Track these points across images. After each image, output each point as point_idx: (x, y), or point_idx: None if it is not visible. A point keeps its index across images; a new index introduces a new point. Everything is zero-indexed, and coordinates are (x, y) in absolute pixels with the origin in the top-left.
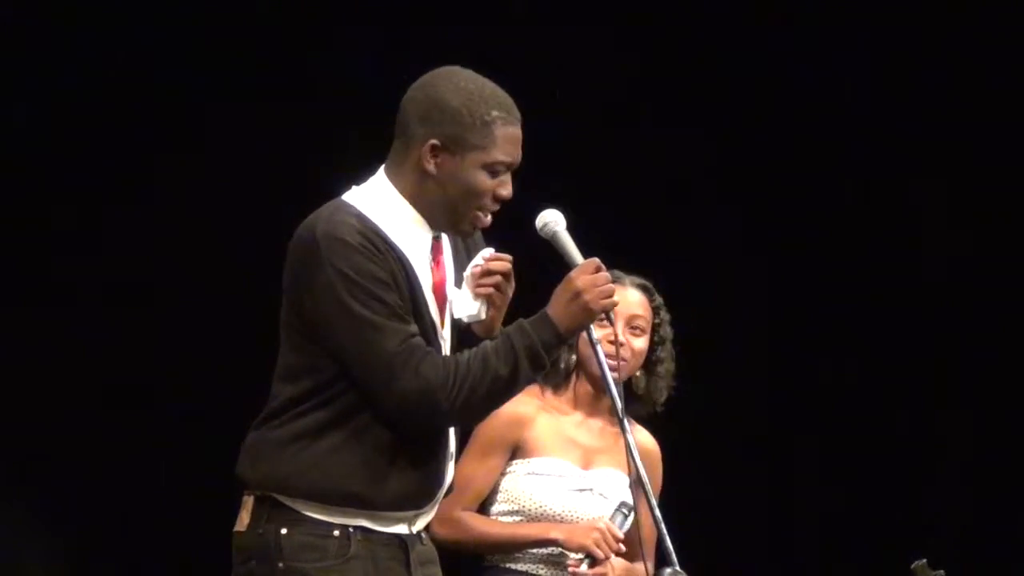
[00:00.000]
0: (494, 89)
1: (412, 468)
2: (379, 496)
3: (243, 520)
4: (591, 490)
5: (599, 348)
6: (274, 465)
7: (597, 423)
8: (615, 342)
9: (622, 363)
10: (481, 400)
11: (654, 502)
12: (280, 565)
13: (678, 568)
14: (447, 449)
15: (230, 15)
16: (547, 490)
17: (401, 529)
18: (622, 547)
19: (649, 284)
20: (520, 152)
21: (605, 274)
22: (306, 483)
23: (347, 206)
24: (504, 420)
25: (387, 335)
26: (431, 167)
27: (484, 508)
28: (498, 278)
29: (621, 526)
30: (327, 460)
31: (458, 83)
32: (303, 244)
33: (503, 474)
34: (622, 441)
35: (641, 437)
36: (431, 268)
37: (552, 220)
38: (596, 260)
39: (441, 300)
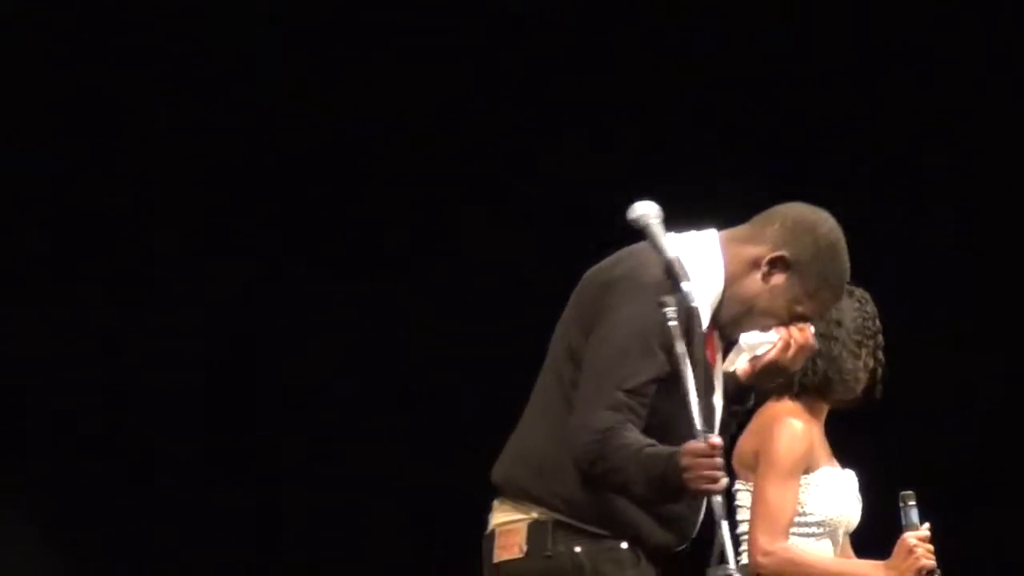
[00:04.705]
0: (848, 266)
1: (677, 510)
2: (654, 529)
3: (518, 546)
4: (853, 490)
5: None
6: (564, 486)
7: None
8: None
9: None
10: (606, 484)
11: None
12: None
13: (730, 567)
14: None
15: None
16: (838, 500)
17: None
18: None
19: None
20: (820, 318)
21: (713, 460)
22: (596, 511)
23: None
24: (803, 439)
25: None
26: (765, 268)
27: None
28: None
29: (913, 519)
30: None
31: (834, 236)
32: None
33: None
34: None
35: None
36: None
37: (645, 212)
38: (710, 442)
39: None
